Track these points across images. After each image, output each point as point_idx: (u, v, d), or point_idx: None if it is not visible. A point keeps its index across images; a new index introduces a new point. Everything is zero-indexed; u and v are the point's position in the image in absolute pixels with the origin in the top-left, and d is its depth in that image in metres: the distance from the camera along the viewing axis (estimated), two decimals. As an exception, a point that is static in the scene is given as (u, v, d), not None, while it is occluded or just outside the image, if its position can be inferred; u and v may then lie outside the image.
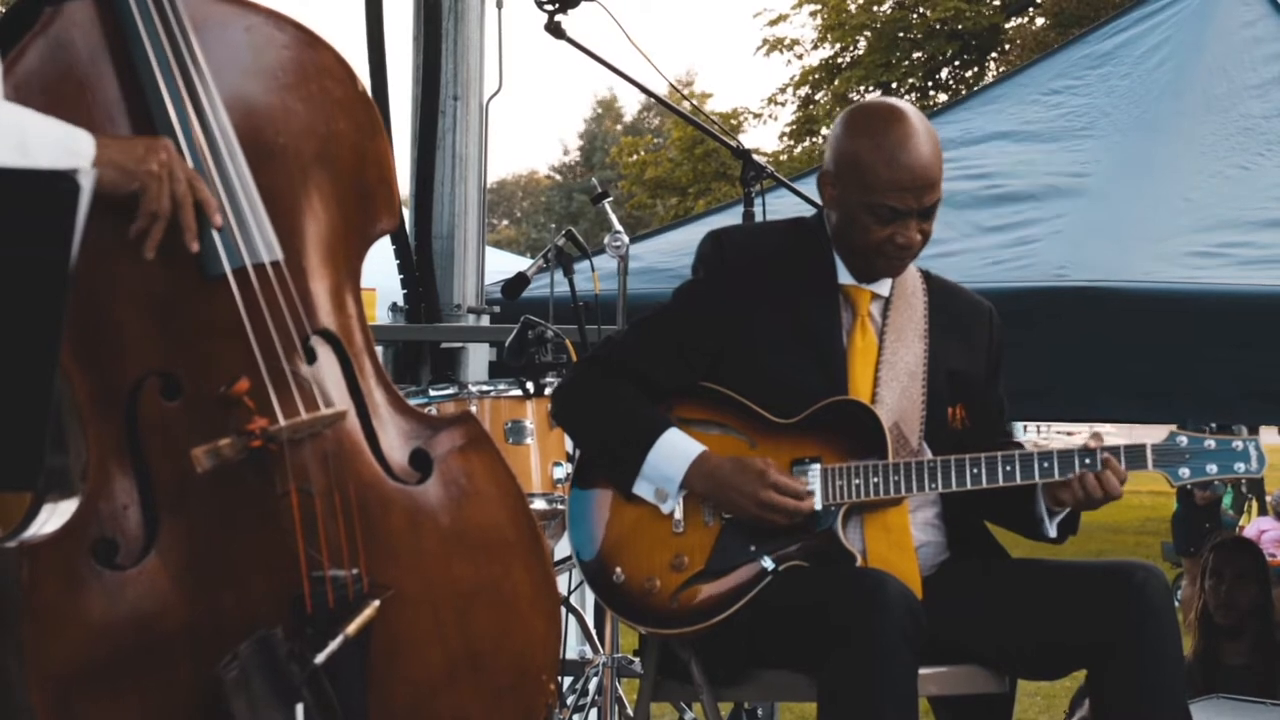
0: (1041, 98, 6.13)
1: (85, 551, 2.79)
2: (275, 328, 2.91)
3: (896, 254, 3.34)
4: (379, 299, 6.97)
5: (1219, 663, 5.53)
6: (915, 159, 3.27)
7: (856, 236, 3.35)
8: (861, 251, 3.36)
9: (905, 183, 3.27)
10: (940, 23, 22.63)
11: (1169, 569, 12.37)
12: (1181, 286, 4.72)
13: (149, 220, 2.80)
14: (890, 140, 3.28)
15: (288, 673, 2.73)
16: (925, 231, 3.35)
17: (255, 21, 3.06)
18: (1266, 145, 5.51)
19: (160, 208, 2.80)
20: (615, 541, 3.37)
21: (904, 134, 3.29)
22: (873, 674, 3.02)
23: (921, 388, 3.41)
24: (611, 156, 29.31)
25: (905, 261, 3.39)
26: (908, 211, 3.29)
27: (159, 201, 2.79)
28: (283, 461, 2.84)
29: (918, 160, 3.27)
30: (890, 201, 3.27)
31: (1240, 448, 3.27)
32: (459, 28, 5.97)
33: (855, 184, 3.31)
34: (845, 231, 3.38)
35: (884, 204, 3.28)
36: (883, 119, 3.34)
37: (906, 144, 3.28)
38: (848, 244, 3.39)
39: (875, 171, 3.27)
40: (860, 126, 3.36)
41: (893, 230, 3.30)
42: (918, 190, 3.28)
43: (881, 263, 3.37)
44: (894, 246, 3.32)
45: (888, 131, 3.30)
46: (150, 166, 2.79)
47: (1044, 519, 3.37)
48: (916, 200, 3.28)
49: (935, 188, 3.31)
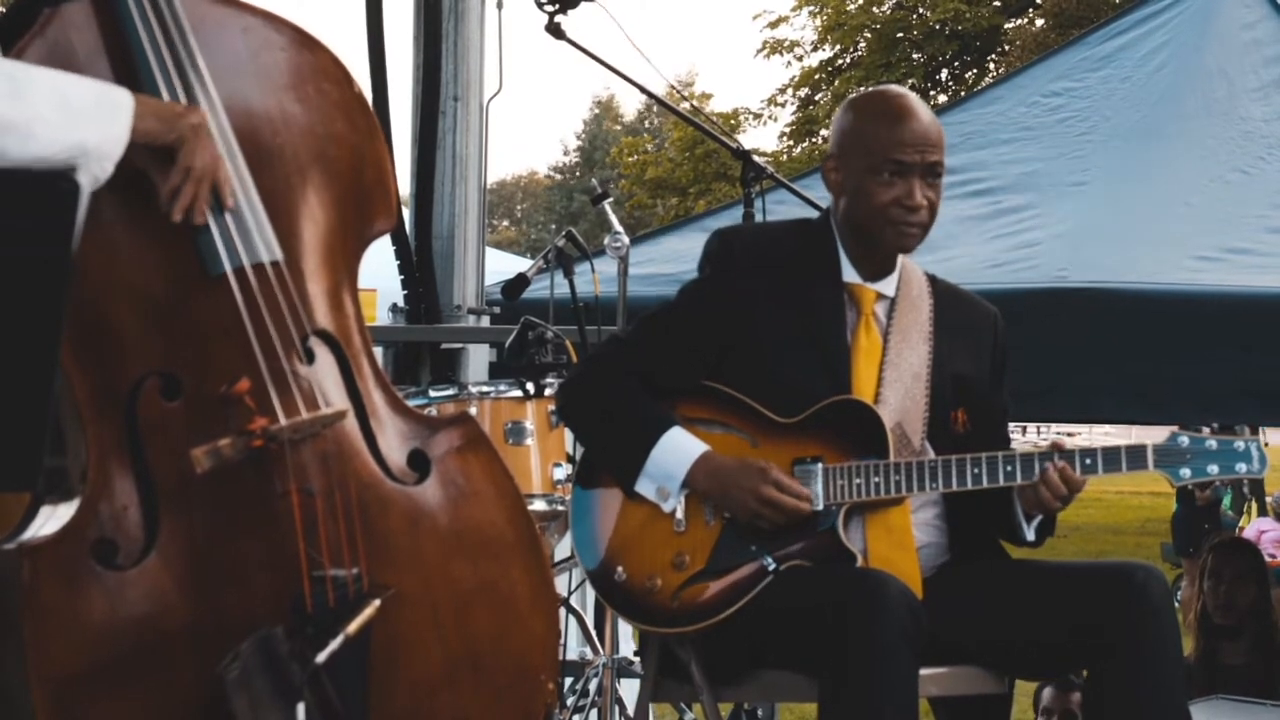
0: (1042, 100, 6.12)
1: (85, 552, 2.80)
2: (275, 327, 2.91)
3: (903, 218, 3.34)
4: (379, 299, 6.96)
5: (1219, 663, 5.54)
6: (915, 119, 3.36)
7: (864, 206, 3.36)
8: (870, 223, 3.37)
9: (906, 138, 3.33)
10: (940, 24, 22.64)
11: (1169, 569, 12.37)
12: (1183, 288, 4.73)
13: (182, 176, 2.82)
14: (891, 107, 3.39)
15: (289, 672, 2.73)
16: (930, 200, 3.36)
17: (252, 23, 3.06)
18: (1267, 149, 5.51)
19: (195, 162, 2.82)
20: (617, 540, 3.37)
21: (904, 102, 3.40)
22: (873, 675, 3.02)
23: (925, 390, 3.41)
24: (611, 157, 29.32)
25: (912, 231, 3.37)
26: (912, 166, 3.33)
27: (194, 156, 2.82)
28: (283, 461, 2.85)
29: (917, 120, 3.36)
30: (894, 155, 3.32)
31: (1242, 448, 3.27)
32: (459, 28, 5.96)
33: (859, 152, 3.37)
34: (853, 208, 3.39)
35: (887, 159, 3.33)
36: (881, 94, 3.50)
37: (906, 109, 3.38)
38: (856, 222, 3.40)
39: (877, 134, 3.35)
40: (860, 105, 3.49)
41: (898, 191, 3.33)
42: (919, 146, 3.33)
43: (889, 231, 3.37)
44: (901, 209, 3.33)
45: (888, 102, 3.42)
46: (190, 120, 2.83)
47: (1021, 523, 3.38)
48: (919, 155, 3.33)
49: (938, 148, 3.37)
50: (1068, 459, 3.27)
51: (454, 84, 5.96)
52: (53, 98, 2.64)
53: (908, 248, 3.43)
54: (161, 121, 2.80)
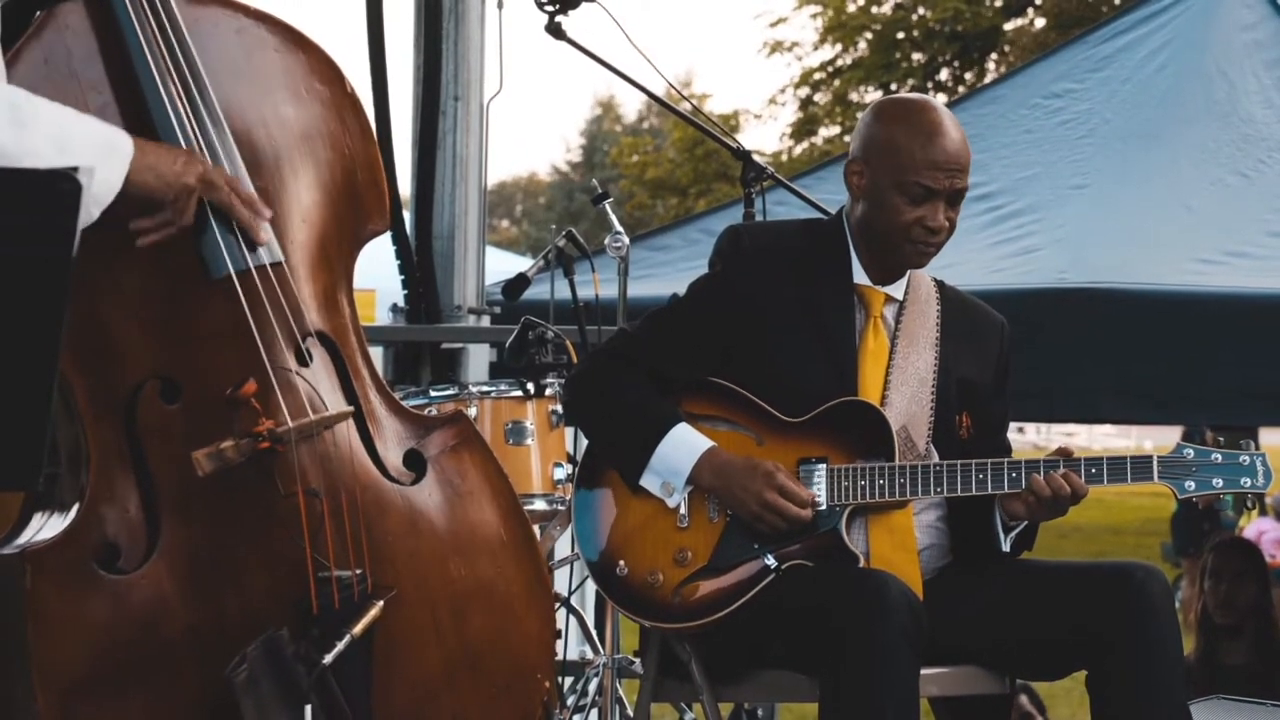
0: (1042, 101, 6.12)
1: (88, 556, 2.80)
2: (278, 329, 2.91)
3: (924, 239, 3.35)
4: (379, 299, 6.97)
5: (1219, 663, 5.54)
6: (949, 140, 3.34)
7: (886, 220, 3.36)
8: (889, 237, 3.37)
9: (939, 161, 3.32)
10: (940, 24, 22.61)
11: (1169, 569, 12.37)
12: (1185, 288, 4.73)
13: (161, 228, 2.80)
14: (925, 123, 3.36)
15: (295, 674, 2.73)
16: (951, 220, 3.37)
17: (246, 24, 3.06)
18: (1268, 152, 5.51)
19: (183, 220, 2.81)
20: (619, 536, 3.37)
21: (938, 119, 3.37)
22: (874, 675, 3.02)
23: (931, 394, 3.41)
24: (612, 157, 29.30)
25: (930, 251, 3.39)
26: (939, 192, 3.32)
27: (184, 215, 2.81)
28: (288, 463, 2.84)
29: (951, 142, 3.34)
30: (924, 180, 3.31)
31: (1247, 462, 3.25)
32: (459, 28, 5.97)
33: (888, 165, 3.35)
34: (873, 218, 3.39)
35: (917, 182, 3.31)
36: (917, 106, 3.44)
37: (940, 127, 3.35)
38: (875, 232, 3.40)
39: (910, 151, 3.32)
40: (893, 113, 3.44)
41: (923, 212, 3.32)
42: (950, 171, 3.32)
43: (908, 248, 3.37)
44: (922, 230, 3.34)
45: (922, 116, 3.38)
46: (188, 180, 2.81)
47: (999, 533, 3.37)
48: (948, 180, 3.32)
49: (965, 173, 3.36)
50: (1073, 467, 3.27)
51: (454, 84, 5.96)
52: (53, 135, 2.62)
53: (921, 265, 3.45)
54: (159, 180, 2.78)
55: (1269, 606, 5.61)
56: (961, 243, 5.23)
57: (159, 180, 2.77)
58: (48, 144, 2.61)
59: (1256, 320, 4.59)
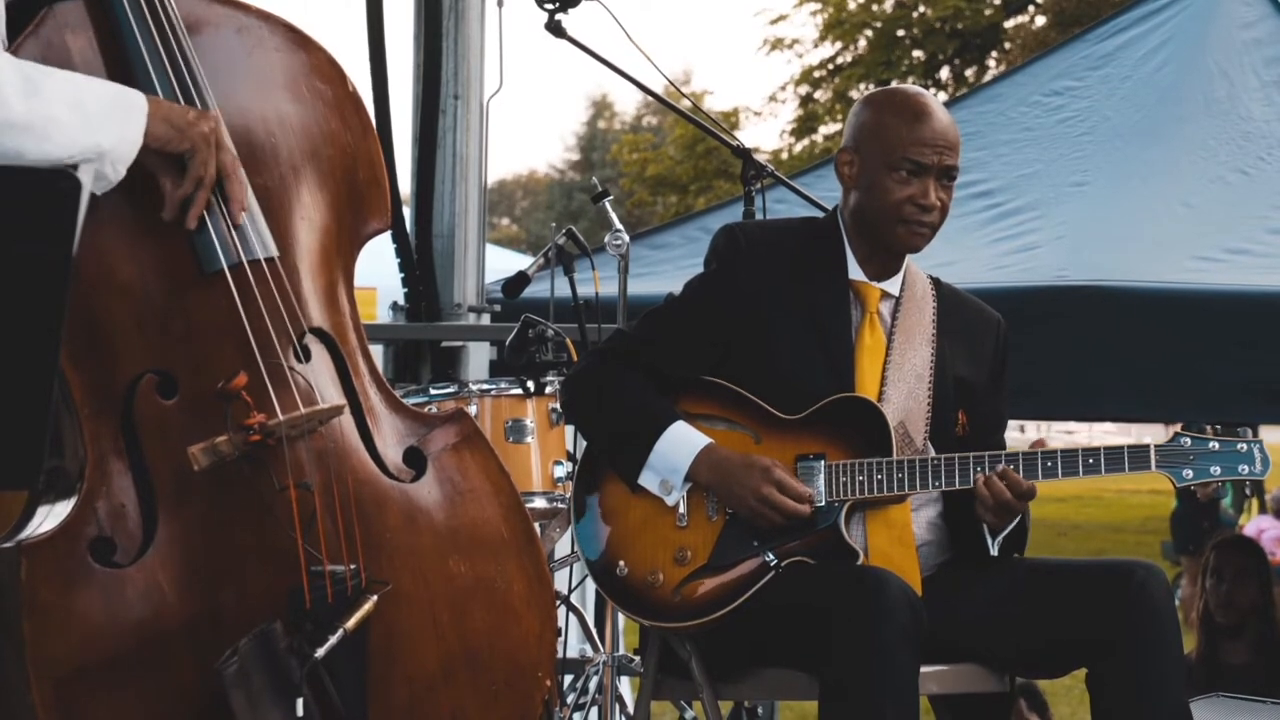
0: (1043, 99, 6.12)
1: (83, 550, 2.80)
2: (272, 324, 2.91)
3: (916, 217, 3.36)
4: (379, 298, 6.97)
5: (1220, 661, 5.54)
6: (935, 119, 3.39)
7: (878, 203, 3.38)
8: (882, 220, 3.38)
9: (926, 138, 3.35)
10: (940, 21, 22.62)
11: (1169, 568, 12.38)
12: (1185, 286, 4.73)
13: (194, 185, 2.82)
14: (911, 104, 3.42)
15: (287, 668, 2.73)
16: (944, 201, 3.39)
17: (247, 23, 3.06)
18: (1267, 149, 5.51)
19: (207, 173, 2.82)
20: (619, 535, 3.37)
21: (924, 101, 3.43)
22: (873, 673, 3.02)
23: (928, 390, 3.42)
24: (612, 154, 29.29)
25: (923, 231, 3.39)
26: (929, 168, 3.35)
27: (206, 167, 2.82)
28: (280, 457, 2.84)
29: (938, 120, 3.39)
30: (912, 154, 3.34)
31: (1244, 449, 3.26)
32: (459, 27, 5.97)
33: (876, 148, 3.38)
34: (866, 204, 3.40)
35: (905, 158, 3.35)
36: (903, 92, 3.55)
37: (926, 108, 3.41)
38: (868, 218, 3.41)
39: (897, 131, 3.37)
40: (880, 100, 3.51)
41: (914, 190, 3.34)
42: (937, 147, 3.35)
43: (901, 229, 3.38)
44: (914, 208, 3.35)
45: (908, 99, 3.45)
46: (202, 129, 2.82)
47: (986, 535, 3.37)
48: (936, 156, 3.35)
49: (954, 151, 3.39)
50: (1068, 457, 3.27)
51: (454, 82, 5.96)
52: (68, 99, 2.65)
53: (917, 247, 3.44)
54: (173, 128, 2.80)
55: (1270, 605, 5.61)
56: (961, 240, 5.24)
57: (173, 130, 2.79)
58: (64, 108, 2.63)
59: (1257, 318, 4.59)
